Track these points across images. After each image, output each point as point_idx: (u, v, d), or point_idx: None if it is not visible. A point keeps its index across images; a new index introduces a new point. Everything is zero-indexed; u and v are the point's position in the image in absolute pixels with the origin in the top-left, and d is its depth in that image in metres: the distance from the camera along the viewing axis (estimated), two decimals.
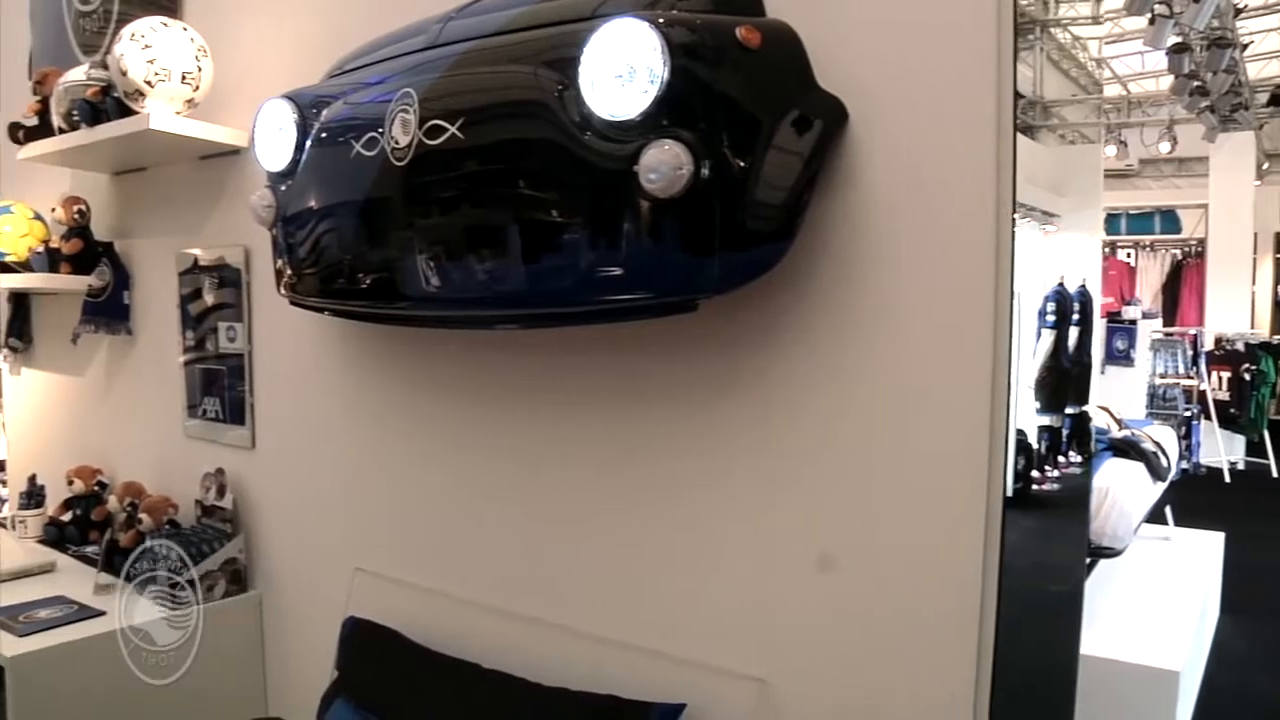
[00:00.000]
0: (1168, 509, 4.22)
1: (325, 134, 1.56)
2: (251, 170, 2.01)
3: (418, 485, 1.84)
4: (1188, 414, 7.06)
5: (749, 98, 1.16)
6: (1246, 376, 7.60)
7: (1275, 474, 7.60)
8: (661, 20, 1.13)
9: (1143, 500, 3.57)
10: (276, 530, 2.14)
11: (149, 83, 1.97)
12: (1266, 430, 7.69)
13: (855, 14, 1.23)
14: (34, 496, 2.66)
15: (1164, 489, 3.98)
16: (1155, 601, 3.33)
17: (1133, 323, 5.76)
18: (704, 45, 1.14)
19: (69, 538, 2.47)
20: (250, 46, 2.13)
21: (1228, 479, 7.42)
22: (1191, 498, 5.00)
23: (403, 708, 1.59)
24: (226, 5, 2.20)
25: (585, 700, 1.40)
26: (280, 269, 1.73)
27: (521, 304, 1.36)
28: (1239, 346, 7.75)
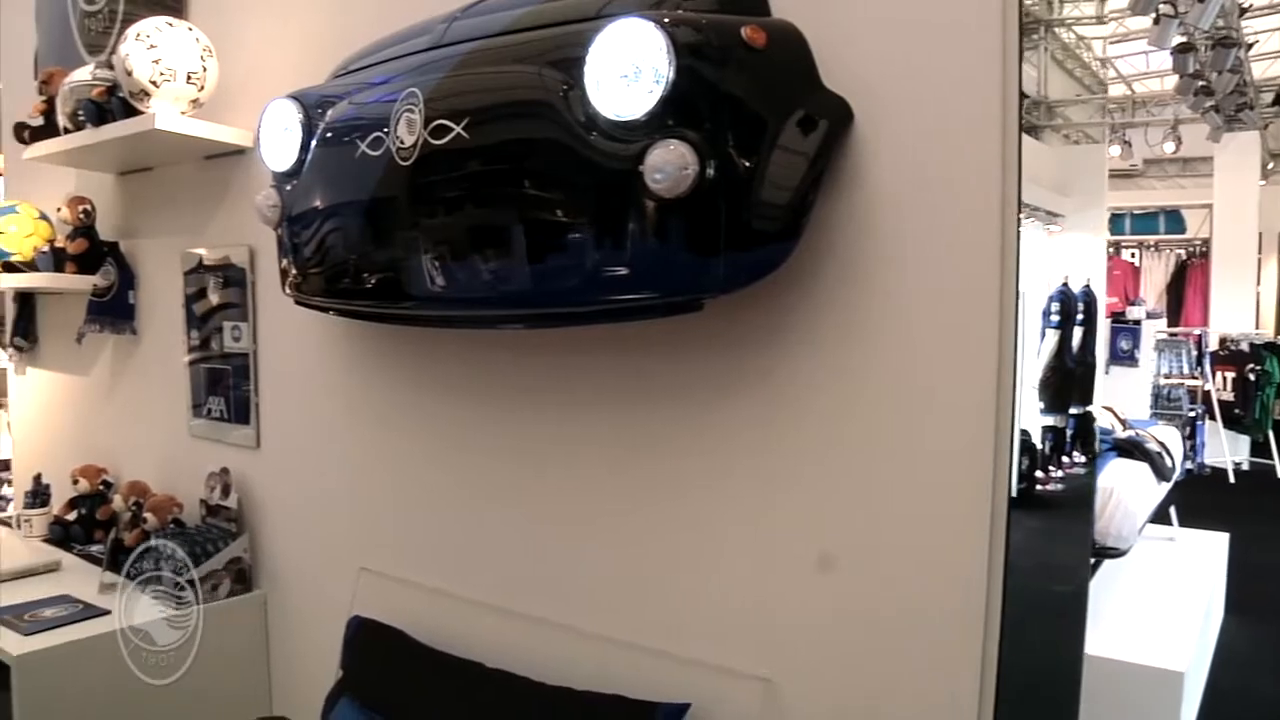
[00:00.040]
0: (1172, 509, 4.21)
1: (330, 134, 1.56)
2: (256, 170, 2.01)
3: (422, 485, 1.84)
4: (1192, 414, 7.06)
5: (754, 97, 1.16)
6: (1251, 377, 7.58)
7: None
8: (667, 20, 1.13)
9: (1147, 500, 3.56)
10: (281, 530, 2.15)
11: (154, 83, 1.98)
12: (1271, 430, 7.67)
13: (860, 14, 1.23)
14: (39, 496, 2.66)
15: (1168, 489, 3.98)
16: (1160, 602, 3.32)
17: (1137, 323, 5.75)
18: (709, 45, 1.14)
19: (74, 537, 2.47)
20: (255, 46, 2.13)
21: (1232, 479, 7.41)
22: (1196, 498, 4.99)
23: (407, 707, 1.59)
24: (231, 5, 2.20)
25: (590, 700, 1.40)
26: (285, 268, 1.73)
27: (526, 304, 1.36)
28: (1244, 347, 7.74)
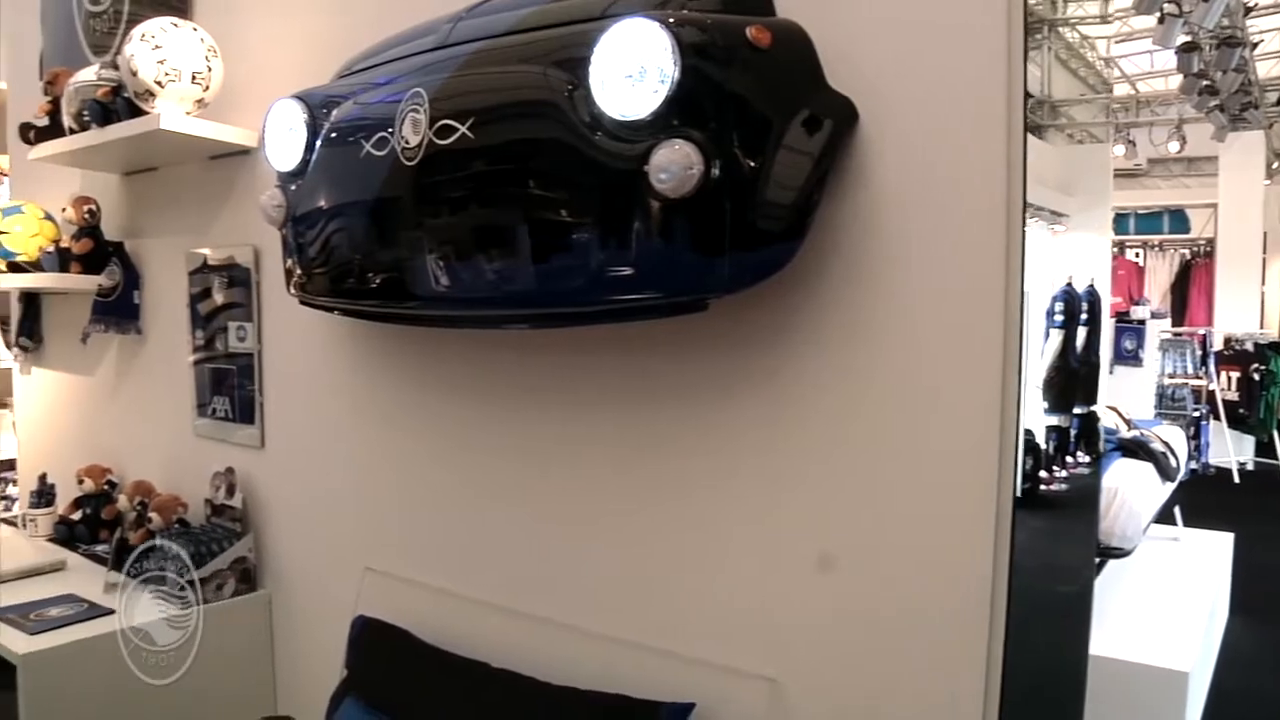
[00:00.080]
0: (1177, 509, 4.21)
1: (335, 134, 1.56)
2: (261, 170, 2.02)
3: (427, 485, 1.85)
4: (1197, 414, 7.05)
5: (759, 97, 1.16)
6: (1256, 377, 7.58)
7: None
8: (672, 20, 1.13)
9: (1152, 500, 3.56)
10: (286, 529, 2.15)
11: (159, 83, 1.98)
12: (1276, 431, 7.67)
13: (865, 14, 1.23)
14: (44, 495, 2.66)
15: (1173, 489, 3.98)
16: (1164, 602, 3.32)
17: (1141, 323, 5.75)
18: (714, 45, 1.14)
19: (79, 536, 2.48)
20: (260, 47, 2.14)
21: (1237, 479, 7.40)
22: (1200, 498, 4.99)
23: (412, 707, 1.59)
24: (236, 5, 2.20)
25: (595, 699, 1.40)
26: (290, 268, 1.73)
27: (531, 304, 1.36)
28: (1248, 346, 7.74)
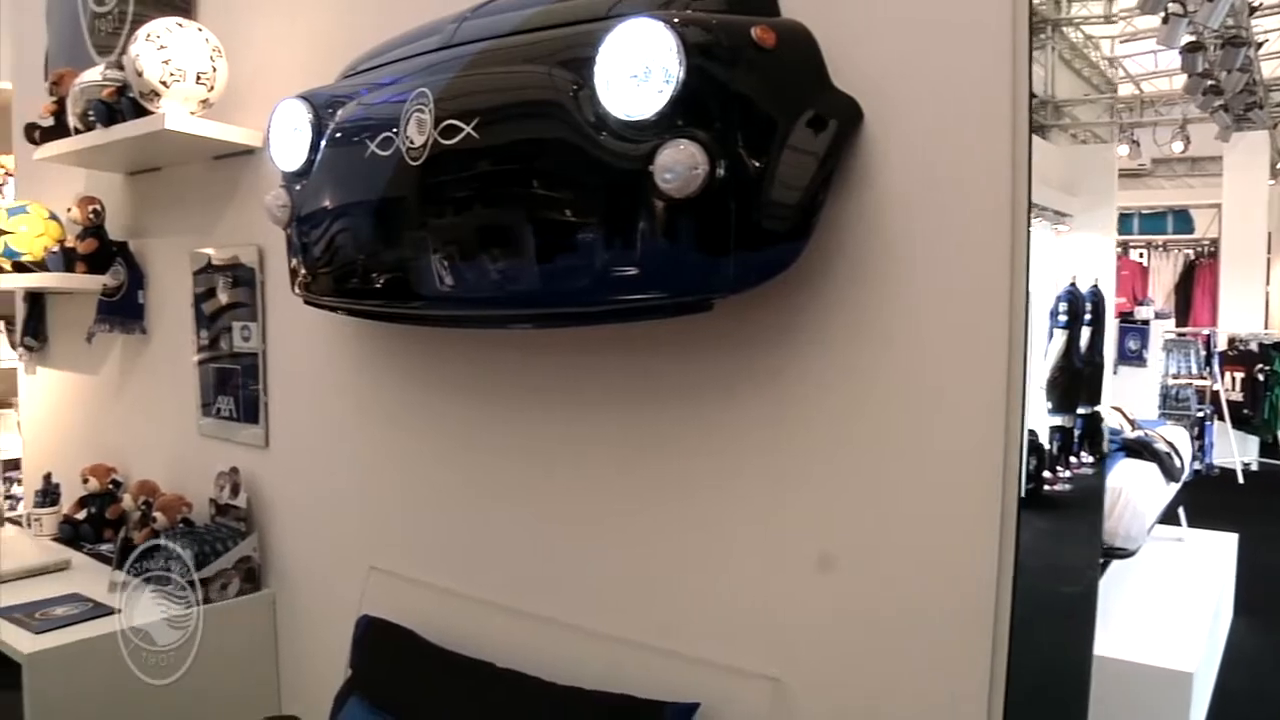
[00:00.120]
0: (1181, 510, 4.20)
1: (340, 134, 1.56)
2: (266, 170, 2.02)
3: (432, 484, 1.85)
4: (1201, 415, 7.04)
5: (764, 97, 1.16)
6: (1260, 377, 7.56)
7: None
8: (677, 20, 1.13)
9: (1156, 501, 3.55)
10: (290, 529, 2.15)
11: (164, 83, 1.98)
12: None
13: (870, 14, 1.23)
14: (49, 495, 2.67)
15: (1177, 490, 3.97)
16: (1169, 603, 3.31)
17: (1145, 323, 5.74)
18: (719, 45, 1.14)
19: (84, 536, 2.49)
20: (265, 47, 2.14)
21: (1241, 480, 7.39)
22: (1205, 499, 4.97)
23: (417, 706, 1.60)
24: (241, 5, 2.21)
25: (600, 699, 1.40)
26: (295, 268, 1.73)
27: (535, 304, 1.36)
28: (1253, 347, 7.72)
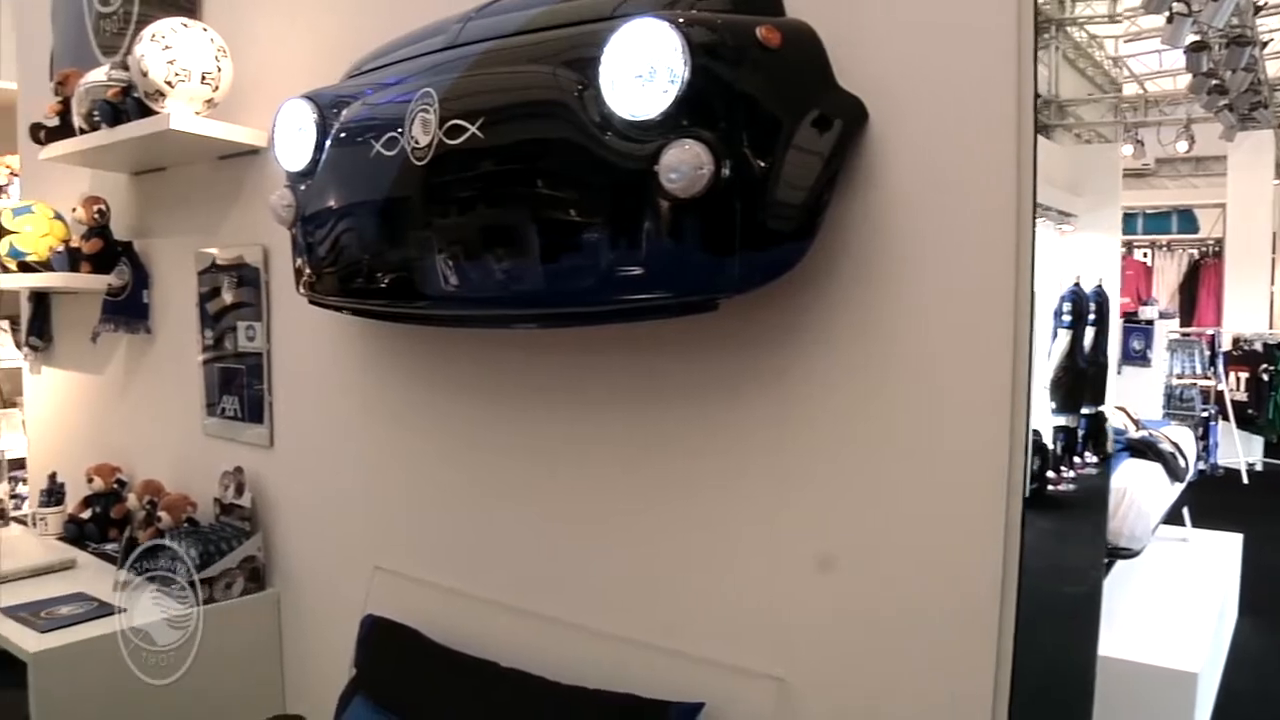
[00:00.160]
0: (1185, 510, 4.20)
1: (345, 134, 1.56)
2: (270, 170, 2.02)
3: (436, 484, 1.85)
4: (1205, 415, 7.03)
5: (769, 97, 1.16)
6: (1265, 377, 7.54)
7: None
8: (682, 20, 1.13)
9: (1160, 501, 3.55)
10: (295, 528, 2.15)
11: (169, 83, 1.99)
12: None
13: (875, 14, 1.23)
14: (54, 494, 2.68)
15: (1181, 490, 3.96)
16: (1173, 603, 3.31)
17: (1149, 323, 5.73)
18: (724, 45, 1.14)
19: (89, 535, 2.49)
20: (269, 46, 2.14)
21: (1246, 480, 7.37)
22: (1209, 499, 4.97)
23: (421, 706, 1.60)
24: (245, 5, 2.21)
25: (604, 699, 1.40)
26: (299, 268, 1.74)
27: (540, 304, 1.36)
28: (1257, 347, 7.70)
